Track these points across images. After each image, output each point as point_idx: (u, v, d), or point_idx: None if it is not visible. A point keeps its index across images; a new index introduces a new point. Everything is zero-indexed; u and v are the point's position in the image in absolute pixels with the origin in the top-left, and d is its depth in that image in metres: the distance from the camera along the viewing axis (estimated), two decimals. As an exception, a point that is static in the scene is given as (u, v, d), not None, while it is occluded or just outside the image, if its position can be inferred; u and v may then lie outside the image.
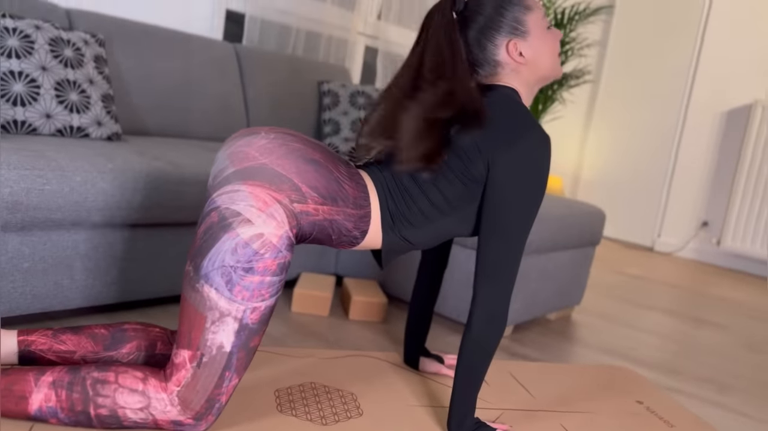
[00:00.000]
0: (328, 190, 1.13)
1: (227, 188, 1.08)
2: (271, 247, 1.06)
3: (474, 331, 1.19)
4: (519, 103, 1.23)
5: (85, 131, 1.87)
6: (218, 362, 1.09)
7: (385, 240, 1.21)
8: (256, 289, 1.07)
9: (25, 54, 1.77)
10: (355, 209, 1.16)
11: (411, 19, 3.66)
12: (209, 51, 2.48)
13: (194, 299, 1.08)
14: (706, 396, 1.81)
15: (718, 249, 4.23)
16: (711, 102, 4.30)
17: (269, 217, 1.06)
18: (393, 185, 1.21)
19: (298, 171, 1.10)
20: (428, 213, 1.20)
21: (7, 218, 1.35)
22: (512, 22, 1.23)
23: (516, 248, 1.18)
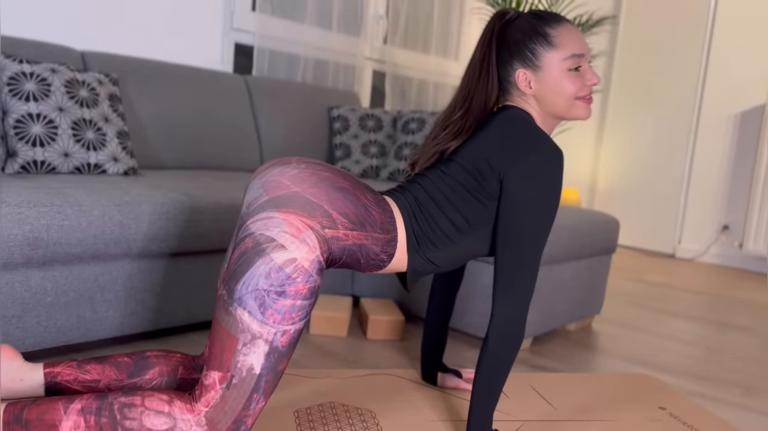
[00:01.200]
0: (357, 216, 1.17)
1: (261, 215, 1.12)
2: (303, 271, 1.10)
3: (491, 344, 1.20)
4: (530, 121, 1.27)
5: (102, 168, 1.93)
6: (247, 384, 1.11)
7: (410, 262, 1.25)
8: (287, 312, 1.10)
9: (42, 97, 1.84)
10: (382, 234, 1.21)
11: (416, 42, 3.72)
12: (220, 84, 2.55)
13: (227, 322, 1.11)
14: (731, 399, 1.78)
15: (741, 252, 4.18)
16: (723, 105, 4.28)
17: (302, 242, 1.10)
18: (417, 208, 1.25)
19: (328, 198, 1.15)
20: (451, 235, 1.25)
21: (29, 254, 1.40)
22: (530, 53, 1.27)
23: (531, 261, 1.20)
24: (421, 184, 1.28)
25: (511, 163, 1.20)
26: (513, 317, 1.20)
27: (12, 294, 1.42)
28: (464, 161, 1.26)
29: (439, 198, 1.25)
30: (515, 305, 1.20)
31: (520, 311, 1.20)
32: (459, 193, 1.24)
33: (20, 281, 1.43)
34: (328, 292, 2.22)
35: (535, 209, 1.19)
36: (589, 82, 1.28)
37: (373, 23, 3.47)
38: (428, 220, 1.25)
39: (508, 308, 1.20)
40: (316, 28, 3.11)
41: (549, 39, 1.26)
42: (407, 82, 3.69)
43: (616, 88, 4.75)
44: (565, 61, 1.25)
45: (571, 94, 1.27)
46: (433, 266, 1.28)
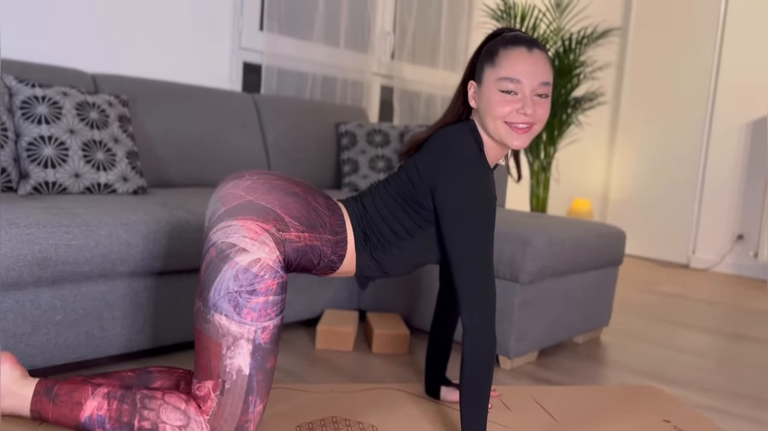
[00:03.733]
0: (308, 219, 1.23)
1: (221, 225, 1.18)
2: (269, 269, 1.16)
3: (467, 356, 1.22)
4: (455, 134, 1.30)
5: (112, 187, 1.98)
6: (240, 386, 1.14)
7: (358, 261, 1.32)
8: (262, 309, 1.15)
9: (54, 119, 1.89)
10: (332, 235, 1.27)
11: (424, 56, 3.75)
12: (228, 102, 2.60)
13: (207, 330, 1.15)
14: (739, 411, 1.77)
15: (757, 262, 4.13)
16: (735, 113, 4.25)
17: (262, 244, 1.16)
18: (365, 214, 1.32)
19: (280, 204, 1.21)
20: (391, 239, 1.31)
21: (38, 273, 1.44)
22: (478, 66, 1.31)
23: (483, 267, 1.22)
24: (371, 192, 1.35)
25: (436, 174, 1.26)
26: (481, 326, 1.21)
27: (22, 313, 1.46)
28: (408, 171, 1.33)
29: (381, 206, 1.32)
30: (480, 313, 1.21)
31: (486, 318, 1.22)
32: (397, 202, 1.31)
33: (30, 300, 1.47)
34: (334, 306, 2.24)
35: (470, 216, 1.22)
36: (522, 111, 1.24)
37: (381, 39, 3.51)
38: (372, 225, 1.31)
39: (475, 318, 1.21)
40: (323, 45, 3.16)
41: (494, 57, 1.26)
42: (415, 97, 3.72)
43: (626, 99, 4.75)
44: (498, 81, 1.24)
45: (497, 115, 1.25)
46: (381, 268, 1.33)
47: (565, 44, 3.06)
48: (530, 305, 1.94)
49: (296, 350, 1.97)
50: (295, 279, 2.08)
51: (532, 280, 1.88)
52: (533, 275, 1.88)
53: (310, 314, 2.16)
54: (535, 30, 3.08)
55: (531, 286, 1.92)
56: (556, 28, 3.10)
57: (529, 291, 1.92)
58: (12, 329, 1.45)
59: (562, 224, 2.15)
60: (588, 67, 3.15)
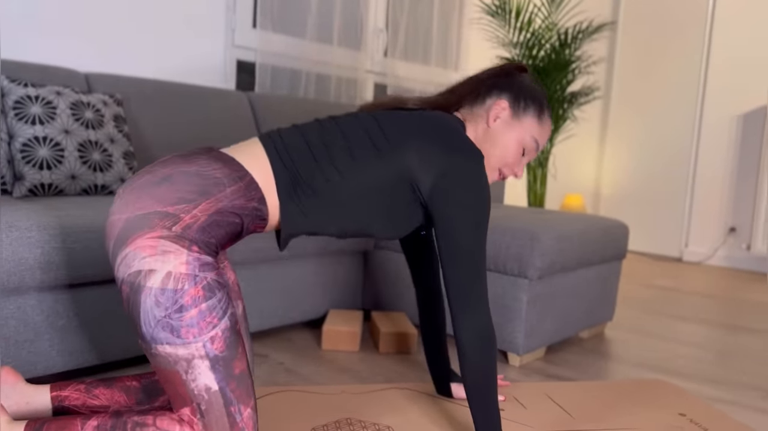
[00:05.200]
0: (194, 190, 1.10)
1: (117, 261, 1.09)
2: (184, 277, 1.06)
3: (472, 358, 1.19)
4: (463, 131, 1.27)
5: (109, 189, 1.93)
6: (216, 403, 1.09)
7: (282, 211, 1.17)
8: (200, 321, 1.07)
9: (48, 120, 1.84)
10: (233, 184, 1.13)
11: (416, 53, 3.73)
12: (223, 101, 2.55)
13: (159, 363, 1.09)
14: (750, 403, 1.76)
15: (749, 254, 4.16)
16: (725, 106, 4.28)
17: (163, 254, 1.06)
18: (298, 146, 1.19)
19: (155, 200, 1.09)
20: (338, 186, 1.18)
21: (41, 277, 1.39)
22: (524, 102, 1.32)
23: (481, 263, 1.19)
24: (301, 133, 1.22)
25: (438, 159, 1.19)
26: (481, 324, 1.19)
27: (24, 319, 1.41)
28: (368, 128, 1.22)
29: (318, 145, 1.19)
30: (480, 313, 1.19)
31: (485, 316, 1.20)
32: (365, 150, 1.19)
33: (32, 306, 1.42)
34: (338, 306, 2.21)
35: (476, 210, 1.19)
36: (513, 169, 1.35)
37: (373, 37, 3.48)
38: (310, 158, 1.18)
39: (476, 319, 1.19)
40: (316, 43, 3.12)
41: (541, 114, 1.33)
42: (408, 94, 3.69)
43: (617, 94, 4.76)
44: (529, 138, 1.33)
45: (503, 157, 1.32)
46: (308, 221, 1.19)
47: (561, 39, 3.05)
48: (538, 302, 1.92)
49: (302, 351, 1.94)
50: (300, 280, 2.04)
51: (540, 276, 1.86)
52: (542, 270, 1.86)
53: (314, 315, 2.12)
54: (530, 25, 3.07)
55: (539, 282, 1.90)
56: (551, 23, 3.09)
57: (537, 287, 1.90)
58: (14, 336, 1.40)
59: (567, 219, 2.13)
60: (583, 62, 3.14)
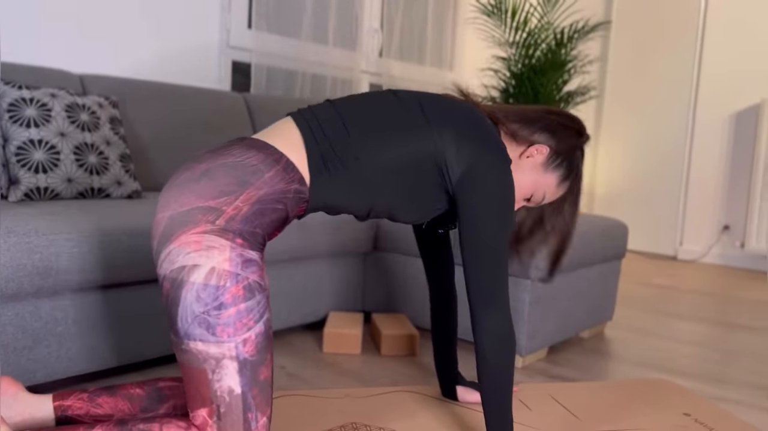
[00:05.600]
0: (233, 182, 1.09)
1: (161, 258, 1.08)
2: (227, 274, 1.05)
3: (492, 360, 1.18)
4: (503, 144, 1.26)
5: (105, 192, 1.90)
6: (236, 407, 1.08)
7: (311, 184, 1.15)
8: (236, 321, 1.06)
9: (43, 122, 1.81)
10: (271, 168, 1.11)
11: (411, 53, 3.71)
12: (219, 102, 2.52)
13: (187, 360, 1.07)
14: (754, 402, 1.76)
15: (743, 252, 4.18)
16: (718, 105, 4.30)
17: (208, 249, 1.05)
18: (332, 119, 1.18)
19: (196, 195, 1.08)
20: (368, 161, 1.16)
21: (39, 284, 1.36)
22: (557, 162, 1.33)
23: (503, 264, 1.19)
24: (333, 103, 1.22)
25: (473, 153, 1.19)
26: (503, 325, 1.18)
27: (22, 325, 1.38)
28: (410, 107, 1.21)
29: (351, 119, 1.18)
30: (500, 313, 1.18)
31: (507, 317, 1.19)
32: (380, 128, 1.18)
33: (30, 312, 1.40)
34: (338, 309, 2.19)
35: (502, 211, 1.19)
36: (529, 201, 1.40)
37: (368, 37, 3.47)
38: (333, 145, 1.16)
39: (496, 320, 1.18)
40: (312, 43, 3.10)
41: (566, 180, 1.36)
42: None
43: (610, 93, 4.77)
44: (542, 191, 1.34)
45: (529, 194, 1.38)
46: (333, 196, 1.17)
47: (557, 38, 3.05)
48: (541, 302, 1.91)
49: (303, 354, 1.92)
50: (299, 283, 2.02)
51: (543, 277, 1.86)
52: (544, 271, 1.85)
53: (314, 318, 2.10)
54: (526, 24, 3.06)
55: (542, 283, 1.89)
56: (547, 23, 3.09)
57: (539, 288, 1.89)
58: (12, 343, 1.37)
59: (567, 219, 2.12)
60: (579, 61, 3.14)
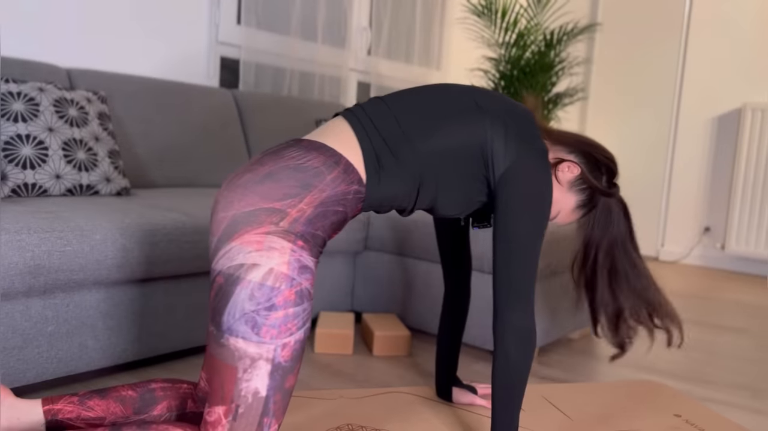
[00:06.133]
0: (296, 185, 1.10)
1: (220, 254, 1.09)
2: (283, 277, 1.06)
3: (508, 356, 1.18)
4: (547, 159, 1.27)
5: (94, 189, 1.87)
6: (255, 409, 1.07)
7: (369, 182, 1.16)
8: (282, 324, 1.06)
9: (31, 117, 1.77)
10: (333, 170, 1.13)
11: (399, 52, 3.71)
12: (208, 99, 2.50)
13: (221, 355, 1.06)
14: (741, 403, 1.79)
15: (723, 254, 4.24)
16: (701, 109, 4.36)
17: (269, 250, 1.06)
18: (383, 114, 1.19)
19: (260, 197, 1.09)
20: (419, 153, 1.17)
21: (30, 282, 1.33)
22: (580, 188, 1.34)
23: (534, 263, 1.20)
24: (383, 99, 1.23)
25: (524, 144, 1.20)
26: (527, 325, 1.19)
27: (12, 325, 1.36)
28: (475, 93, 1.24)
29: (402, 112, 1.19)
30: (526, 313, 1.19)
31: (532, 317, 1.20)
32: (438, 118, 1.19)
33: (20, 311, 1.37)
34: (329, 308, 2.18)
35: (538, 209, 1.19)
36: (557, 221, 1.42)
37: (357, 35, 3.45)
38: (387, 141, 1.17)
39: (520, 319, 1.19)
40: (300, 40, 3.08)
41: (580, 210, 1.36)
42: (392, 93, 3.67)
43: (594, 95, 4.81)
44: (557, 208, 1.36)
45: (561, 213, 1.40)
46: (383, 194, 1.18)
47: (547, 39, 3.06)
48: (532, 303, 1.92)
49: (294, 355, 1.91)
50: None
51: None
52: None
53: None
54: (515, 25, 3.07)
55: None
56: (537, 24, 3.10)
57: (531, 289, 1.90)
58: (1, 343, 1.34)
59: (558, 220, 2.14)
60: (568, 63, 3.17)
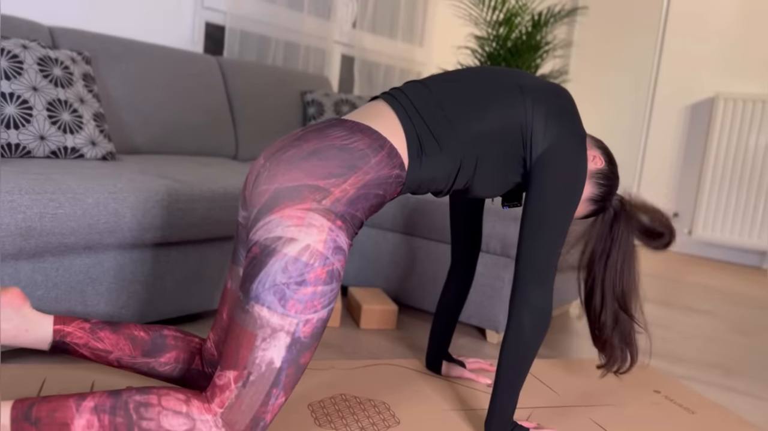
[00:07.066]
0: (341, 165, 1.10)
1: (259, 225, 1.08)
2: (318, 255, 1.06)
3: (523, 331, 1.20)
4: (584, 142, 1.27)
5: (79, 152, 1.82)
6: (266, 379, 1.07)
7: (410, 167, 1.17)
8: (309, 301, 1.06)
9: (14, 75, 1.71)
10: (378, 154, 1.13)
11: (384, 26, 3.67)
12: (193, 65, 2.44)
13: (243, 320, 1.06)
14: (714, 380, 1.86)
15: (690, 239, 4.37)
16: (674, 97, 4.44)
17: (308, 227, 1.06)
18: (424, 97, 1.20)
19: (305, 173, 1.09)
20: (459, 134, 1.19)
21: (21, 245, 1.30)
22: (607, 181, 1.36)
23: (559, 243, 1.21)
24: (422, 82, 1.24)
25: (564, 126, 1.21)
26: (546, 302, 1.21)
27: (1, 288, 1.32)
28: (514, 73, 1.25)
29: (442, 94, 1.21)
30: (546, 292, 1.21)
31: (551, 295, 1.22)
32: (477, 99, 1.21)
33: (9, 275, 1.33)
34: (314, 281, 2.18)
35: (571, 188, 1.20)
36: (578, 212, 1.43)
37: (343, 6, 3.41)
38: (439, 114, 1.19)
39: (540, 297, 1.21)
40: (287, 8, 3.03)
41: (592, 206, 1.37)
42: (375, 68, 3.64)
43: (572, 81, 4.86)
44: None
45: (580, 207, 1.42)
46: (422, 176, 1.20)
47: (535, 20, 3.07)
48: (518, 280, 1.95)
49: (281, 326, 1.90)
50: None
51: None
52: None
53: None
54: (504, 4, 3.07)
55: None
56: (524, 4, 3.11)
57: (518, 266, 1.93)
58: (-11, 306, 1.31)
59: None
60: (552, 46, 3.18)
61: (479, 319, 1.96)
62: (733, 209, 4.15)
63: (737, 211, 4.14)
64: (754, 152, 4.09)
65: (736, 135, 4.14)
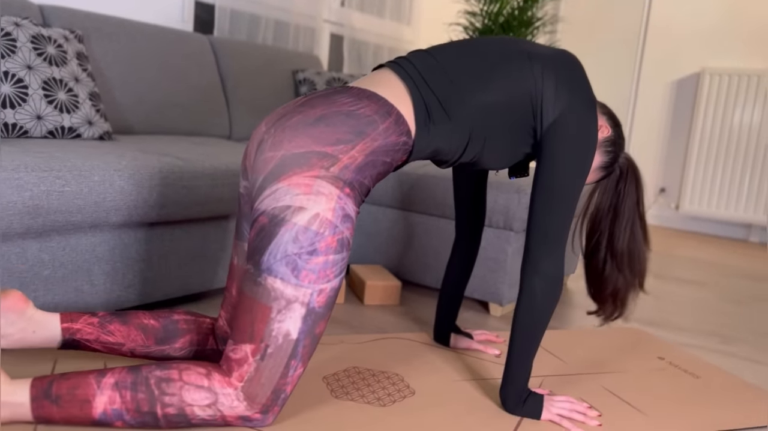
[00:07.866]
0: (349, 131, 1.08)
1: (266, 194, 1.06)
2: (328, 224, 1.05)
3: (538, 302, 1.21)
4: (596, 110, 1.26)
5: (76, 132, 1.79)
6: (284, 351, 1.06)
7: (418, 135, 1.15)
8: (321, 270, 1.05)
9: (8, 53, 1.67)
10: (385, 120, 1.11)
11: (372, 5, 3.64)
12: (185, 44, 2.40)
13: (256, 293, 1.05)
14: (714, 347, 1.89)
15: (677, 213, 4.42)
16: (661, 72, 4.47)
17: (317, 195, 1.05)
18: (432, 67, 1.18)
19: (312, 140, 1.07)
20: (468, 104, 1.16)
21: (28, 223, 1.28)
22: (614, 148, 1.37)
23: (571, 211, 1.22)
24: (429, 52, 1.22)
25: (575, 94, 1.19)
26: (558, 271, 1.22)
27: (9, 268, 1.30)
28: (522, 43, 1.23)
29: (451, 64, 1.19)
30: (558, 260, 1.22)
31: (562, 263, 1.23)
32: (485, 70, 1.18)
33: (17, 254, 1.31)
34: (315, 259, 2.17)
35: (582, 158, 1.20)
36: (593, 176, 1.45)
37: (331, -16, 3.37)
38: (437, 93, 1.16)
39: (552, 265, 1.21)
40: (276, -13, 2.99)
41: (602, 170, 1.38)
42: (363, 47, 3.62)
43: (559, 56, 4.86)
44: None
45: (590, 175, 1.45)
46: (430, 146, 1.18)
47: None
48: (521, 254, 1.96)
49: (286, 303, 1.90)
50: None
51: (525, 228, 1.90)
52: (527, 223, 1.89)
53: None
54: (495, -20, 3.06)
55: (524, 234, 1.94)
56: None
57: (521, 239, 1.94)
58: (-3, 286, 1.29)
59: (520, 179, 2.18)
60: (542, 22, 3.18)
61: (482, 293, 1.97)
62: (719, 183, 4.21)
63: (723, 185, 4.20)
64: (740, 127, 4.14)
65: (722, 110, 4.18)
